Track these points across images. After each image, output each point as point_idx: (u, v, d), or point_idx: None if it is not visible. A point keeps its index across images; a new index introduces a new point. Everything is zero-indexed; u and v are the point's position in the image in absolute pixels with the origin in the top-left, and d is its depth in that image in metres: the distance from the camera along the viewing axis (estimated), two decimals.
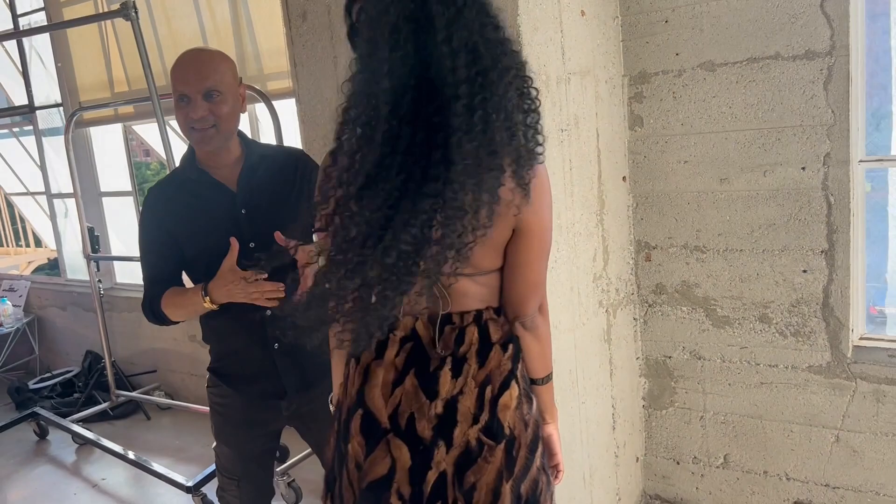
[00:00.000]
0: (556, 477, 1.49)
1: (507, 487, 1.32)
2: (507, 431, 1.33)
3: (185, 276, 2.01)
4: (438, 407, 1.30)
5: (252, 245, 1.89)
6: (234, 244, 1.79)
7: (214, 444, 2.13)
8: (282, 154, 2.04)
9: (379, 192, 1.16)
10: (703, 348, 2.56)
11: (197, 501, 3.11)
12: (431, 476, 1.30)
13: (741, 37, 2.28)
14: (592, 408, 2.41)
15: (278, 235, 1.61)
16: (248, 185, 1.93)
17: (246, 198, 1.92)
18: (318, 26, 2.38)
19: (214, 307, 1.85)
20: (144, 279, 1.99)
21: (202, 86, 1.82)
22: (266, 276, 1.78)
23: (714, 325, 2.52)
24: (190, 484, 3.11)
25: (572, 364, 2.29)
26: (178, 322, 1.98)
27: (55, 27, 4.23)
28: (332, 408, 1.51)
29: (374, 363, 1.34)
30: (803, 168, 2.27)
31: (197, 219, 1.92)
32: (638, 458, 2.72)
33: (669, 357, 2.63)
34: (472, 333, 1.34)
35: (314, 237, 1.46)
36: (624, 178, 2.54)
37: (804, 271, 2.32)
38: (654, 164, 2.52)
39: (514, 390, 1.35)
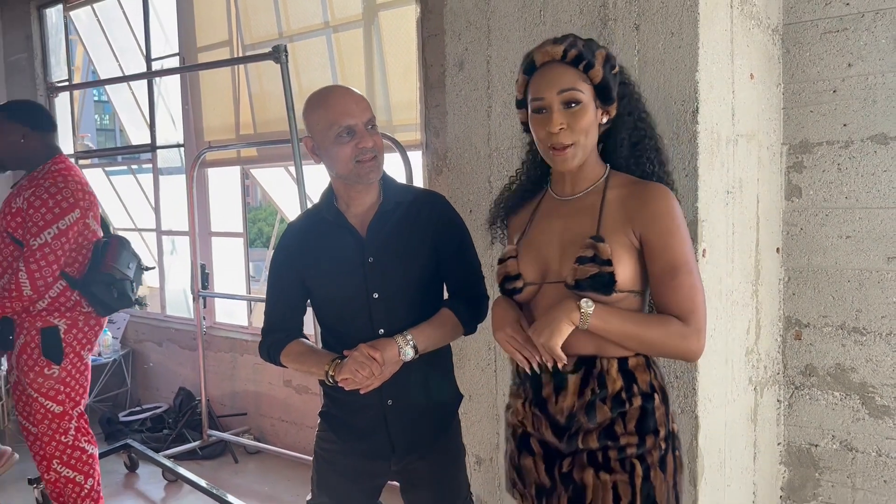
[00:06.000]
0: None
1: None
2: None
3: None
4: None
5: (375, 296, 1.83)
6: (378, 357, 1.75)
7: (309, 497, 2.03)
8: (419, 199, 1.92)
9: None
10: (857, 439, 2.36)
11: None
12: None
13: None
14: (736, 492, 2.23)
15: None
16: (379, 231, 1.85)
17: (374, 245, 1.84)
18: (476, 76, 2.37)
19: (333, 383, 1.80)
20: (265, 318, 1.96)
21: (366, 116, 1.80)
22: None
23: (871, 415, 2.33)
24: None
25: (722, 443, 2.14)
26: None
27: (208, 66, 4.26)
28: None
29: None
30: None
31: (325, 261, 1.87)
32: None
33: (816, 445, 2.44)
34: None
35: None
36: (777, 249, 2.41)
37: None
38: (812, 237, 2.39)
39: None
